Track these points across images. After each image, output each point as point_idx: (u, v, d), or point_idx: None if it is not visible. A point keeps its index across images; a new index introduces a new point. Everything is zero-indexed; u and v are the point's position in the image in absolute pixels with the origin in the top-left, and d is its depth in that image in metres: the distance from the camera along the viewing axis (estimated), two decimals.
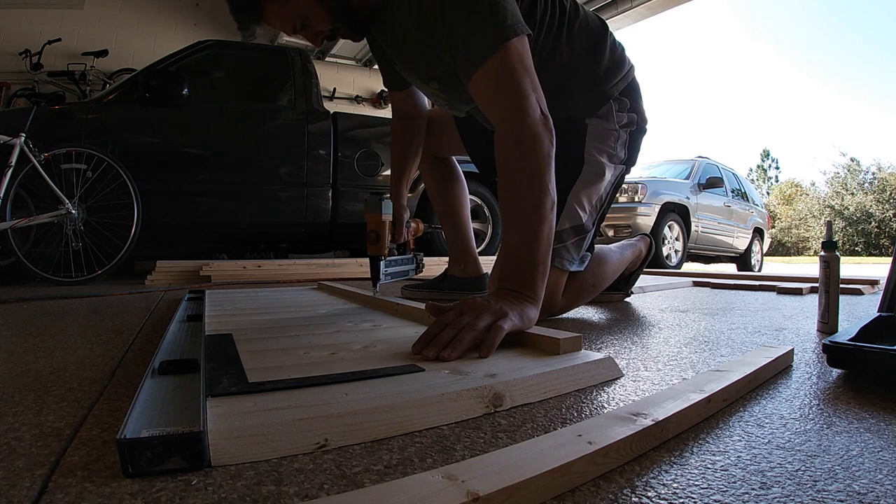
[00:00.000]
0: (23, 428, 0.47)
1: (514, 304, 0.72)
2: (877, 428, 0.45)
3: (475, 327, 0.65)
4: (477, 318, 0.67)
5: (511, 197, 0.78)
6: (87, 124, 2.62)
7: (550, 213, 0.77)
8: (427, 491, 0.31)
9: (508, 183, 0.79)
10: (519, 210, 0.77)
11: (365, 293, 1.40)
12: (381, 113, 5.72)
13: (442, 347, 0.63)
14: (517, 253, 0.77)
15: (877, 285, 1.76)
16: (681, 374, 0.65)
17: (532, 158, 0.77)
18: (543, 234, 0.76)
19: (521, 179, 0.77)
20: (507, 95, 0.79)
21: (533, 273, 0.75)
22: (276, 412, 0.44)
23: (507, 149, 0.79)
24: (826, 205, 21.26)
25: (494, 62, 0.80)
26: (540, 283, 0.76)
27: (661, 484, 0.35)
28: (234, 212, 2.96)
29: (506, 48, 0.80)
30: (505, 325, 0.67)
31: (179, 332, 0.88)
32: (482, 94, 0.83)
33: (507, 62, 0.80)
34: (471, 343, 0.64)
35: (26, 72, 4.13)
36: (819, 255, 0.95)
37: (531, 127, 0.78)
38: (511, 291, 0.74)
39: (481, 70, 0.81)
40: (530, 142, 0.77)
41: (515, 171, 0.78)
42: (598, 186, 1.07)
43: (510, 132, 0.79)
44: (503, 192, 0.79)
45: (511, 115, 0.79)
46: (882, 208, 18.92)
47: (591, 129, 1.06)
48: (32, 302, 1.66)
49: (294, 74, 3.17)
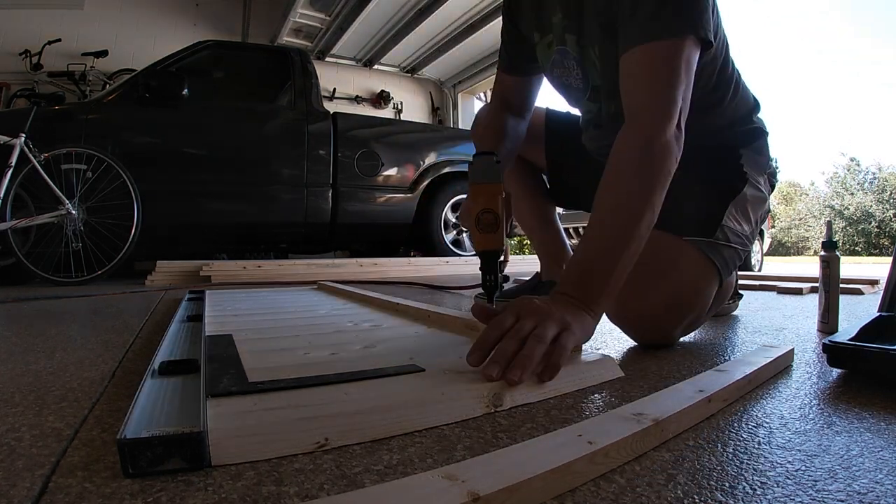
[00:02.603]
0: (23, 428, 0.47)
1: (574, 314, 0.62)
2: (877, 428, 0.45)
3: (543, 339, 0.56)
4: (542, 326, 0.57)
5: (611, 201, 0.69)
6: (87, 124, 2.62)
7: (646, 233, 0.68)
8: (427, 491, 0.31)
9: (615, 186, 0.70)
10: (616, 218, 0.68)
11: (365, 293, 1.40)
12: (382, 113, 5.73)
13: (506, 364, 0.54)
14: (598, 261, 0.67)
15: (877, 285, 1.76)
16: (681, 374, 0.65)
17: (652, 168, 0.68)
18: (631, 250, 0.67)
19: (632, 188, 0.68)
20: (659, 92, 0.70)
21: (605, 286, 0.66)
22: (276, 412, 0.44)
23: (630, 147, 0.70)
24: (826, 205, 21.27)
25: (665, 47, 0.70)
26: (607, 301, 0.66)
27: (662, 484, 0.35)
28: (234, 212, 2.96)
29: (684, 41, 0.70)
30: (569, 341, 0.58)
31: (179, 333, 0.88)
32: (633, 72, 0.73)
33: (677, 57, 0.70)
34: (540, 358, 0.55)
35: (26, 72, 4.13)
36: (819, 255, 0.95)
37: (666, 135, 0.69)
38: (571, 298, 0.64)
39: (648, 47, 0.70)
40: (658, 150, 0.68)
41: (630, 175, 0.69)
42: (757, 207, 0.94)
43: (642, 130, 0.70)
44: (604, 194, 0.70)
45: (652, 113, 0.70)
46: (882, 208, 18.92)
47: (745, 156, 0.96)
48: (32, 302, 1.66)
49: (294, 74, 3.17)
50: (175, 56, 2.93)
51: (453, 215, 3.57)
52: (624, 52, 0.74)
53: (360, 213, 3.26)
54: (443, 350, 0.72)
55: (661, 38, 0.70)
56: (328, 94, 5.40)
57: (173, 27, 4.89)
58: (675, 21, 0.70)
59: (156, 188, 2.65)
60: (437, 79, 6.26)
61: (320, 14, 4.74)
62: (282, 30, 4.89)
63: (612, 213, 0.68)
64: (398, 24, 4.87)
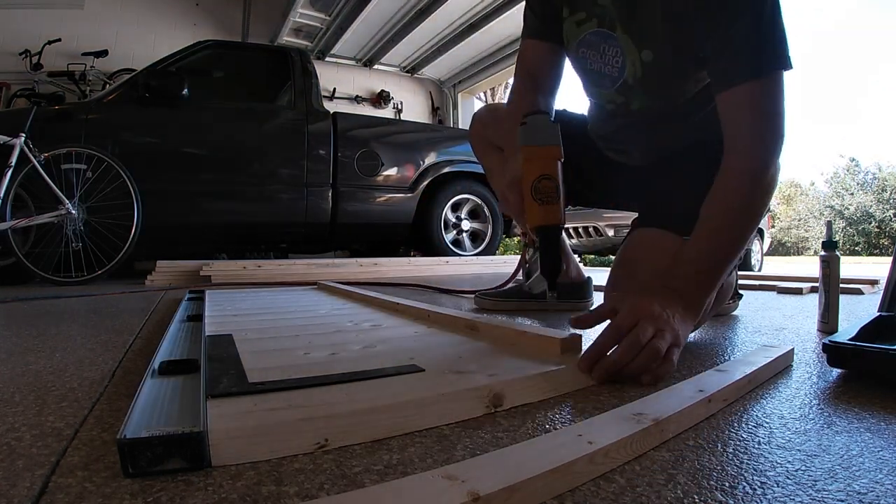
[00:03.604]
0: (23, 428, 0.47)
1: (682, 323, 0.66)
2: (877, 428, 0.45)
3: (658, 355, 0.59)
4: (660, 338, 0.60)
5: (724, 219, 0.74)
6: (87, 124, 2.62)
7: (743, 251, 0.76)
8: (427, 491, 0.31)
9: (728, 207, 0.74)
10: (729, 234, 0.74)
11: (365, 293, 1.40)
12: (382, 113, 5.73)
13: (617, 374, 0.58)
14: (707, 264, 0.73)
15: (877, 285, 1.76)
16: (681, 374, 0.64)
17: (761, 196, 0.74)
18: (732, 263, 0.74)
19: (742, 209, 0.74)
20: (770, 128, 0.74)
21: (709, 290, 0.72)
22: (276, 412, 0.44)
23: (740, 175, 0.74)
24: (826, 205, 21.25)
25: (770, 83, 0.73)
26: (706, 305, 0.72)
27: (662, 484, 0.35)
28: (235, 212, 2.96)
29: (782, 74, 0.74)
30: (675, 355, 0.62)
31: (179, 333, 0.88)
32: (740, 108, 0.75)
33: (780, 91, 0.74)
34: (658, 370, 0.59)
35: (26, 72, 4.12)
36: (819, 255, 0.95)
37: (773, 167, 0.74)
38: (681, 298, 0.68)
39: (755, 84, 0.73)
40: (768, 182, 0.74)
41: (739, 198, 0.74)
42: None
43: (752, 161, 0.74)
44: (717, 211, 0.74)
45: (764, 147, 0.74)
46: (882, 208, 18.91)
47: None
48: (32, 302, 1.66)
49: (294, 74, 3.17)
50: (175, 56, 2.93)
51: (453, 215, 3.57)
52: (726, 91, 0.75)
53: (360, 212, 3.26)
54: (443, 350, 0.72)
55: (765, 75, 0.73)
56: (328, 94, 5.40)
57: (173, 27, 4.89)
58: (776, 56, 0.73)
59: (156, 188, 2.65)
60: (437, 79, 6.26)
61: (320, 14, 4.74)
62: (282, 30, 4.89)
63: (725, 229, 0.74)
64: (398, 24, 4.87)
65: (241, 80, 3.43)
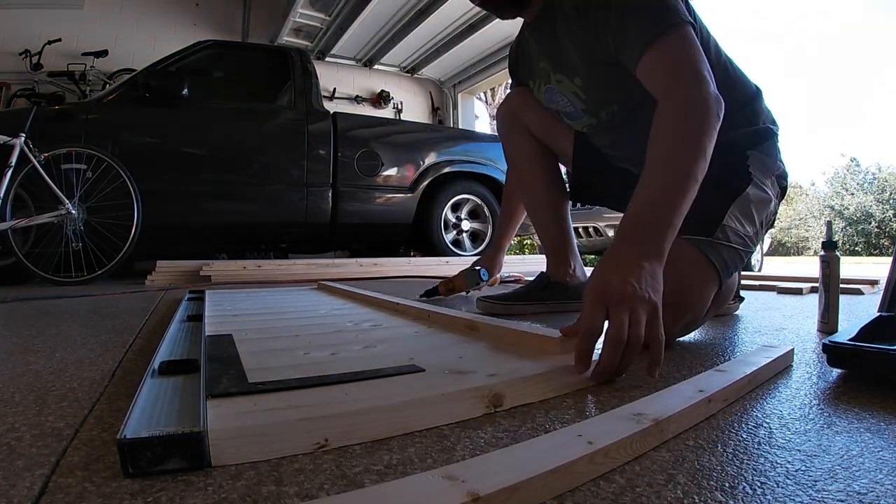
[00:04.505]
0: (23, 428, 0.47)
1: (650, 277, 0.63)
2: (877, 428, 0.45)
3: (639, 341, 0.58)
4: (636, 323, 0.58)
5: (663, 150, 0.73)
6: (87, 124, 2.62)
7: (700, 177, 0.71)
8: (427, 491, 0.31)
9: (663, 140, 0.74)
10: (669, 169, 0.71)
11: (365, 293, 1.40)
12: (382, 113, 5.73)
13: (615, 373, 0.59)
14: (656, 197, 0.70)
15: (877, 285, 1.76)
16: (681, 374, 0.65)
17: (698, 121, 0.73)
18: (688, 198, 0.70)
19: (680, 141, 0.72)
20: (685, 71, 0.77)
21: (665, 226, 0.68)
22: (276, 412, 0.44)
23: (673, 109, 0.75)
24: (826, 205, 21.26)
25: (670, 39, 0.79)
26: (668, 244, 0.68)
27: (662, 484, 0.35)
28: (235, 212, 2.96)
29: (681, 28, 0.79)
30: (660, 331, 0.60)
31: (179, 333, 0.88)
32: (656, 69, 0.80)
33: (685, 41, 0.79)
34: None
35: (26, 72, 4.12)
36: (819, 255, 0.95)
37: (705, 94, 0.74)
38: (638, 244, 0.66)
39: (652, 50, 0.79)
40: (700, 105, 0.73)
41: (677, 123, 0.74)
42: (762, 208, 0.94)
43: (681, 96, 0.75)
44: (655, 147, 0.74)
45: (686, 84, 0.76)
46: (882, 208, 18.92)
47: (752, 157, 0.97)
48: (32, 302, 1.66)
49: (294, 74, 3.17)
50: (175, 56, 2.93)
51: (453, 215, 3.57)
52: (638, 63, 0.82)
53: (360, 212, 3.26)
54: (443, 350, 0.72)
55: (662, 34, 0.79)
56: (328, 94, 5.40)
57: (173, 27, 4.89)
58: (663, 17, 0.79)
59: (156, 188, 2.65)
60: (437, 79, 6.26)
61: (320, 14, 4.74)
62: (282, 30, 4.90)
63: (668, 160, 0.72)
64: (398, 24, 4.88)
65: (241, 80, 3.44)
